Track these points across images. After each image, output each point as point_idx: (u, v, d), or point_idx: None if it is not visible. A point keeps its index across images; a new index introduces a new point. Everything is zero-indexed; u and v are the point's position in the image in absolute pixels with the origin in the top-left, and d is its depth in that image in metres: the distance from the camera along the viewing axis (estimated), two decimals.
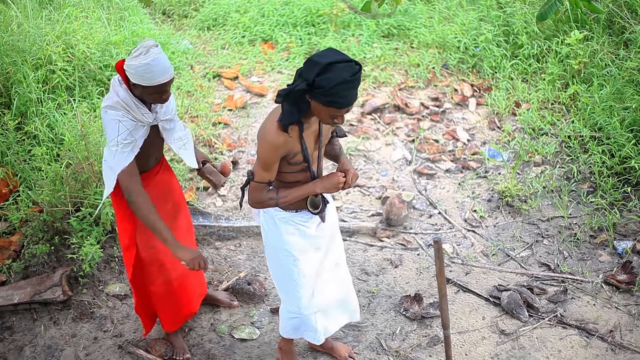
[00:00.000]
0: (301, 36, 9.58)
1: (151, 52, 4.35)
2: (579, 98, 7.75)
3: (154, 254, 5.03)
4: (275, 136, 4.03)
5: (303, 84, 3.85)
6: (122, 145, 4.51)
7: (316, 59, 3.82)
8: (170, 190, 5.15)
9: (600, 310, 5.77)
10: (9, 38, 7.38)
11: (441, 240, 4.16)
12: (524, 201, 6.87)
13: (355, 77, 3.81)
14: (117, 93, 4.52)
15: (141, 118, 4.55)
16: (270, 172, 4.17)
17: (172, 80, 4.51)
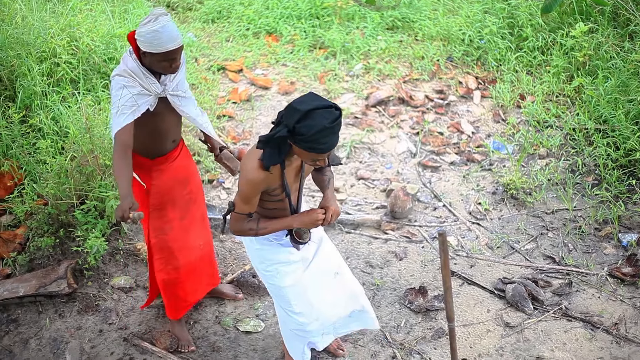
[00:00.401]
0: (305, 29, 9.57)
1: (160, 20, 4.39)
2: (583, 90, 7.74)
3: (164, 241, 5.08)
4: (255, 173, 4.04)
5: (284, 130, 3.87)
6: (123, 107, 4.54)
7: (296, 105, 3.83)
8: (188, 178, 5.16)
9: (605, 303, 5.77)
10: (13, 31, 7.37)
11: (446, 233, 4.16)
12: (528, 194, 6.87)
13: (335, 124, 3.81)
14: (125, 63, 4.58)
15: (148, 87, 4.58)
16: (250, 205, 4.19)
17: (181, 49, 4.54)
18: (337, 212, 4.36)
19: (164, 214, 5.05)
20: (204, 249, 5.38)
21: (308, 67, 8.96)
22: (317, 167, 4.11)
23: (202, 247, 5.33)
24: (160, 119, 4.75)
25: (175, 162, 5.02)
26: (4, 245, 6.17)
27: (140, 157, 4.90)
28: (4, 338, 5.57)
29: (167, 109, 4.76)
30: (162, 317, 5.71)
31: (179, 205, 5.09)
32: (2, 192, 6.53)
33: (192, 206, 5.20)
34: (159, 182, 4.96)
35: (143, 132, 4.77)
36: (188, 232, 5.19)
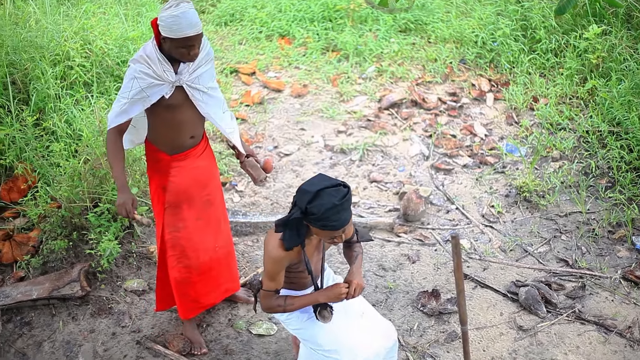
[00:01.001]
0: (318, 31, 9.58)
1: (181, 6, 4.43)
2: (597, 93, 7.72)
3: (177, 239, 5.07)
4: (277, 252, 4.18)
5: (297, 212, 4.03)
6: (132, 99, 4.65)
7: (306, 187, 4.01)
8: (208, 180, 5.17)
9: (619, 306, 5.75)
10: (27, 34, 7.40)
11: (459, 236, 4.16)
12: (541, 196, 6.85)
13: (344, 200, 3.97)
14: (144, 49, 4.63)
15: (162, 74, 4.60)
16: (276, 282, 4.30)
17: (200, 37, 4.56)
18: (360, 285, 4.43)
19: (179, 211, 5.04)
20: (220, 252, 5.34)
21: (321, 70, 8.97)
22: (336, 243, 4.19)
23: (217, 249, 5.30)
24: (177, 110, 4.77)
25: (196, 161, 5.03)
26: (17, 248, 6.19)
27: (158, 151, 4.94)
28: (17, 341, 5.59)
29: (185, 102, 4.78)
30: (175, 320, 5.72)
31: (196, 205, 5.08)
32: (16, 195, 6.55)
33: (209, 208, 5.19)
34: (177, 179, 4.96)
35: (159, 123, 4.83)
36: (203, 233, 5.17)
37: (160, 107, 4.73)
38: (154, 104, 4.71)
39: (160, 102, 4.70)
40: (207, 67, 4.83)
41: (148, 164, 5.09)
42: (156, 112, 4.78)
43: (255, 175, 5.25)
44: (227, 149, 7.42)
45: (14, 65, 7.15)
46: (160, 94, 4.65)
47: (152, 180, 5.07)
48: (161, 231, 5.09)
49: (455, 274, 4.27)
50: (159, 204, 5.04)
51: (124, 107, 4.68)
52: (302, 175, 7.25)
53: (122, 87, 4.67)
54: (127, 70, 4.66)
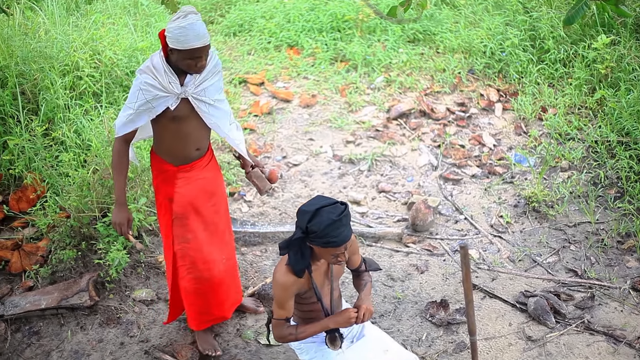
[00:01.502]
0: (327, 42, 9.58)
1: (189, 17, 4.47)
2: (606, 103, 7.71)
3: (186, 250, 5.06)
4: (285, 277, 4.24)
5: (298, 232, 4.12)
6: (138, 110, 4.68)
7: (305, 208, 4.12)
8: (214, 190, 5.17)
9: (628, 317, 5.74)
10: (36, 45, 7.43)
11: (467, 246, 4.17)
12: (550, 207, 6.84)
13: (343, 216, 4.05)
14: (151, 59, 4.66)
15: (167, 86, 4.62)
16: (286, 310, 4.33)
17: (208, 49, 4.59)
18: (370, 310, 4.45)
19: (187, 222, 5.03)
20: (227, 263, 5.34)
21: (329, 80, 8.97)
22: (340, 263, 4.23)
23: (225, 261, 5.30)
24: (182, 122, 4.78)
25: (202, 172, 5.03)
26: (26, 257, 6.20)
27: (164, 162, 4.95)
28: (25, 350, 5.60)
29: (191, 114, 4.79)
30: (183, 329, 5.72)
31: (203, 216, 5.08)
32: (25, 205, 6.57)
33: (215, 218, 5.19)
34: (183, 190, 4.96)
35: (165, 134, 4.84)
36: (211, 245, 5.16)
37: (166, 119, 4.75)
38: (160, 115, 4.72)
39: (165, 113, 4.72)
40: (214, 80, 4.84)
41: (154, 175, 5.10)
42: (162, 124, 4.80)
43: (260, 185, 5.26)
44: (234, 159, 7.43)
45: (24, 76, 7.17)
46: (165, 105, 4.68)
47: (158, 192, 5.09)
48: (170, 243, 5.10)
49: (464, 284, 4.26)
50: (166, 215, 5.05)
51: (130, 117, 4.72)
52: (310, 185, 7.25)
53: (129, 96, 4.70)
54: (134, 80, 4.69)
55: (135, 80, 4.69)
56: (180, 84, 4.68)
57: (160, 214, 5.13)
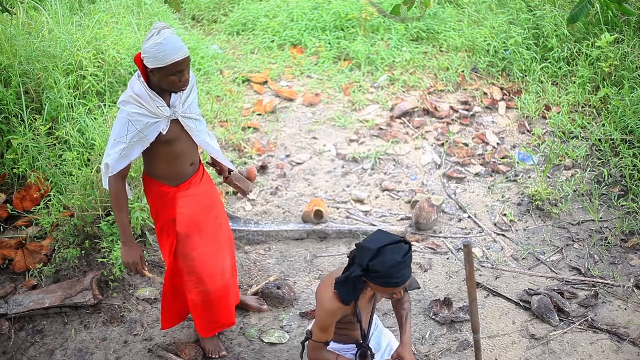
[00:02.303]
0: (330, 40, 9.59)
1: (162, 32, 4.37)
2: (609, 101, 7.71)
3: (192, 267, 5.01)
4: (331, 304, 4.19)
5: (358, 269, 4.03)
6: (130, 143, 4.57)
7: (367, 244, 4.00)
8: (212, 203, 5.13)
9: (632, 315, 5.73)
10: (40, 44, 7.44)
11: (471, 244, 4.15)
12: (554, 205, 6.84)
13: (407, 257, 3.98)
14: (132, 87, 4.53)
15: (156, 111, 4.52)
16: (327, 333, 4.31)
17: (188, 60, 4.49)
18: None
19: (191, 241, 4.98)
20: (231, 270, 5.33)
21: (333, 79, 8.98)
22: (394, 298, 4.27)
23: (228, 269, 5.26)
24: (175, 142, 4.72)
25: (199, 188, 4.99)
26: (30, 256, 6.21)
27: (161, 185, 4.88)
28: (29, 349, 5.60)
29: (181, 133, 4.73)
30: (186, 328, 5.73)
31: (206, 231, 5.04)
32: (29, 204, 6.58)
33: (218, 231, 5.16)
34: (186, 210, 4.91)
35: (158, 158, 4.77)
36: (216, 258, 5.12)
37: (158, 143, 4.67)
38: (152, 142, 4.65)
39: (157, 138, 4.63)
40: (194, 94, 4.78)
41: (151, 200, 5.01)
42: (154, 149, 4.71)
43: (243, 187, 5.28)
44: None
45: (27, 75, 7.18)
46: (157, 131, 4.59)
47: (158, 217, 5.01)
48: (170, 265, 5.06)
49: (468, 283, 4.26)
50: (169, 237, 4.98)
51: (123, 152, 4.59)
52: (314, 184, 7.26)
53: (117, 131, 4.57)
54: (119, 113, 4.57)
55: (119, 114, 4.56)
56: (167, 105, 4.60)
57: (162, 238, 5.05)
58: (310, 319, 5.75)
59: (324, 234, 6.65)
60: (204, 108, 8.04)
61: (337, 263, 6.35)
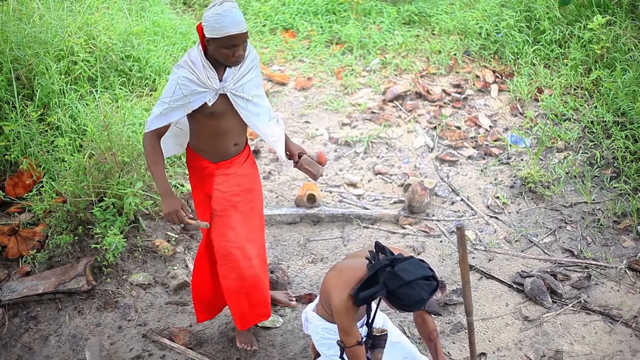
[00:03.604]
0: (322, 24, 9.57)
1: (225, 5, 4.36)
2: (601, 83, 7.71)
3: (227, 247, 4.95)
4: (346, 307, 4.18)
5: (384, 291, 4.00)
6: (174, 104, 4.55)
7: (401, 274, 3.95)
8: (251, 187, 5.06)
9: (624, 296, 5.75)
10: (31, 30, 7.40)
11: (464, 227, 4.15)
12: (546, 187, 6.85)
13: (432, 294, 4.00)
14: (189, 53, 4.55)
15: (205, 80, 4.50)
16: (354, 334, 4.28)
17: (245, 37, 4.45)
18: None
19: (226, 220, 4.93)
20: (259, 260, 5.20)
21: (325, 63, 8.97)
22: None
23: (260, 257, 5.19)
24: (220, 118, 4.67)
25: (240, 169, 4.94)
26: (23, 243, 6.20)
27: (201, 159, 4.85)
28: (23, 335, 5.60)
29: (228, 109, 4.67)
30: (180, 313, 5.74)
31: (241, 212, 4.98)
32: (21, 190, 6.57)
33: (251, 214, 5.08)
34: (223, 187, 4.87)
35: (202, 130, 4.75)
36: (249, 241, 5.05)
37: (203, 115, 4.64)
38: (197, 111, 4.62)
39: (203, 109, 4.61)
40: (252, 75, 4.72)
41: (190, 172, 4.99)
42: (199, 120, 4.69)
43: (314, 171, 5.12)
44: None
45: (18, 61, 7.15)
46: (202, 100, 4.56)
47: (196, 189, 4.98)
48: (205, 241, 5.03)
49: (461, 265, 4.26)
50: (205, 211, 4.94)
51: (164, 111, 4.58)
52: None
53: (165, 91, 4.57)
54: (171, 75, 4.57)
55: (171, 75, 4.57)
56: (219, 79, 4.57)
57: (199, 211, 5.00)
58: (304, 303, 5.76)
59: (317, 218, 6.65)
60: None
61: (330, 247, 6.36)
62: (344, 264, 4.39)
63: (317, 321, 4.61)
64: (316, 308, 4.66)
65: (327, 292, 4.28)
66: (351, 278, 4.20)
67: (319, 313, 4.59)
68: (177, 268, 6.15)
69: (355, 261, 4.31)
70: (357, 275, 4.19)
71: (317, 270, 6.13)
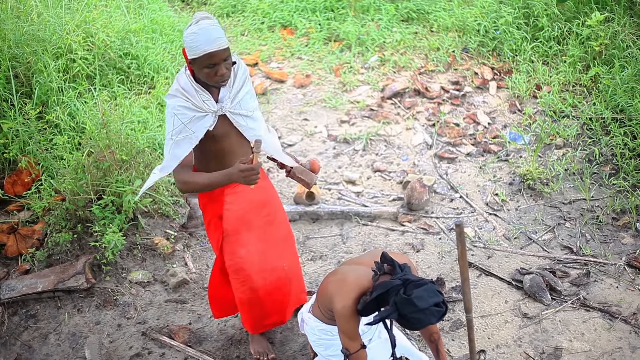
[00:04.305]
0: (320, 21, 9.57)
1: (201, 23, 4.23)
2: (600, 80, 7.71)
3: (239, 264, 4.89)
4: (350, 315, 4.18)
5: (395, 315, 4.00)
6: (177, 139, 4.43)
7: (416, 302, 3.93)
8: (265, 201, 4.97)
9: (624, 293, 5.76)
10: (29, 28, 7.40)
11: (463, 224, 4.15)
12: (545, 184, 6.85)
13: (441, 319, 4.03)
14: (178, 80, 4.42)
15: (202, 105, 4.39)
16: (357, 339, 4.27)
17: (224, 54, 4.27)
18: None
19: (238, 238, 4.86)
20: (288, 271, 5.13)
21: (323, 60, 8.96)
22: None
23: (285, 268, 5.09)
24: (224, 139, 4.57)
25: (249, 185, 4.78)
26: (22, 241, 6.20)
27: None
28: (23, 333, 5.61)
29: (231, 129, 4.58)
30: (179, 311, 5.74)
31: (255, 228, 4.90)
32: (20, 189, 6.56)
33: (269, 228, 4.99)
34: (233, 206, 4.78)
35: (206, 155, 4.64)
36: (265, 255, 4.96)
37: (206, 139, 4.52)
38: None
39: (205, 134, 4.49)
40: (247, 88, 4.60)
41: (199, 195, 4.89)
42: (202, 144, 4.55)
43: (307, 180, 5.09)
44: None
45: (17, 59, 7.14)
46: (204, 127, 4.44)
47: (206, 211, 4.90)
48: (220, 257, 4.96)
49: (460, 262, 4.27)
50: (216, 232, 4.87)
51: (171, 149, 4.48)
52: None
53: (166, 127, 4.48)
54: (166, 108, 4.46)
55: (166, 108, 4.44)
56: (215, 100, 4.47)
57: (210, 231, 4.94)
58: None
59: (316, 215, 6.65)
60: None
61: (330, 244, 6.36)
62: (347, 271, 4.36)
63: (313, 322, 4.61)
64: (312, 309, 4.66)
65: (329, 296, 4.27)
66: (355, 286, 4.20)
67: (315, 314, 4.58)
68: (177, 266, 6.16)
69: (359, 269, 4.31)
70: (361, 284, 4.19)
71: (317, 267, 6.13)
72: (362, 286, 4.17)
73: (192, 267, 6.16)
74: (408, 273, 4.08)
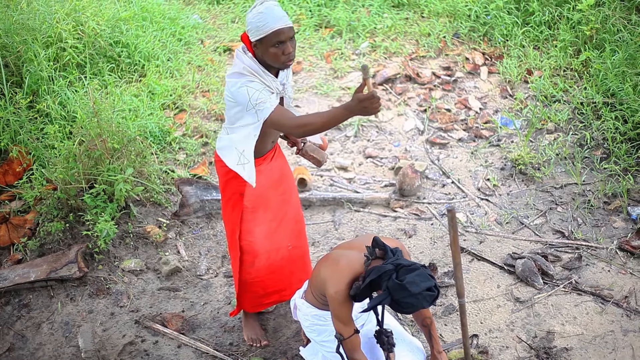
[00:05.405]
0: (311, 8, 9.54)
1: (266, 3, 4.28)
2: (591, 64, 7.71)
3: (252, 244, 4.94)
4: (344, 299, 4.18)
5: (388, 299, 4.01)
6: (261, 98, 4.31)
7: (408, 286, 3.94)
8: (281, 178, 5.00)
9: (615, 277, 5.77)
10: (18, 17, 7.37)
11: (455, 210, 4.17)
12: (537, 169, 6.86)
13: (433, 303, 4.04)
14: (241, 60, 4.42)
15: (270, 84, 4.41)
16: (351, 324, 4.28)
17: (291, 32, 4.32)
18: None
19: (256, 216, 4.89)
20: (294, 252, 5.17)
21: (314, 47, 8.95)
22: None
23: (291, 249, 5.13)
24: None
25: (272, 162, 4.88)
26: (14, 230, 6.20)
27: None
28: (16, 323, 5.60)
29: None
30: (172, 298, 5.74)
31: (272, 206, 4.94)
32: (11, 178, 6.56)
33: (283, 207, 5.03)
34: (256, 183, 4.75)
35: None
36: (276, 234, 5.01)
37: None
38: None
39: None
40: (291, 76, 4.71)
41: (221, 171, 4.83)
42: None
43: (319, 157, 5.10)
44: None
45: (7, 48, 7.12)
46: (272, 106, 4.32)
47: (227, 187, 4.85)
48: (236, 238, 4.95)
49: (452, 248, 4.28)
50: (234, 209, 4.87)
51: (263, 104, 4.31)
52: None
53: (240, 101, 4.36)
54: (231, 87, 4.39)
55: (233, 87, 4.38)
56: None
57: (227, 209, 4.93)
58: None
59: (308, 202, 6.65)
60: (185, 78, 8.01)
61: (322, 231, 6.36)
62: (339, 255, 4.36)
63: (306, 308, 4.61)
64: (304, 295, 4.66)
65: (321, 281, 4.28)
66: (347, 271, 4.20)
67: (308, 300, 4.59)
68: (169, 254, 6.15)
69: (351, 253, 4.30)
70: (354, 269, 4.20)
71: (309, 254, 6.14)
72: (354, 271, 4.18)
73: (184, 254, 6.16)
74: (400, 257, 4.08)
